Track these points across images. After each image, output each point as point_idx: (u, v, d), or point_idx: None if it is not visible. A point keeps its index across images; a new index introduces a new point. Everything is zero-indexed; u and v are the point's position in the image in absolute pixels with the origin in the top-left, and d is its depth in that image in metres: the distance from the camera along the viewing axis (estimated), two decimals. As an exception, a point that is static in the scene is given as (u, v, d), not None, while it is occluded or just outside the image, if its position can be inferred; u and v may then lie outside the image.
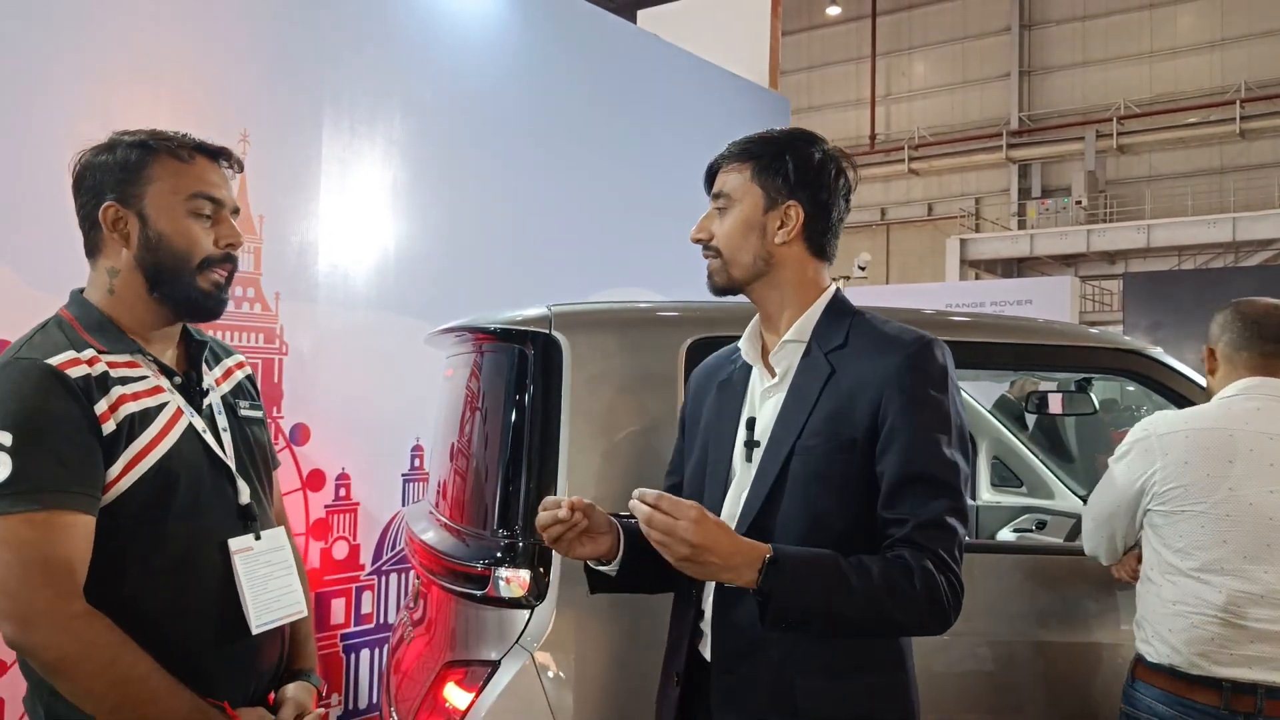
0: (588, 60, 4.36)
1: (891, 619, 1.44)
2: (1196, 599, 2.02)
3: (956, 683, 2.27)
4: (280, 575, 1.65)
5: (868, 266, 17.40)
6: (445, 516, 2.37)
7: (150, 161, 1.55)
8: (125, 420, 1.48)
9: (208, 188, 1.58)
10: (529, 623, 2.01)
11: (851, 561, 1.43)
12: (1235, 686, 1.98)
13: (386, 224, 3.44)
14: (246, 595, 1.58)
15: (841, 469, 1.50)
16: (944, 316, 2.74)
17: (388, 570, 3.48)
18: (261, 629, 1.59)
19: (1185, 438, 2.09)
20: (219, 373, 1.72)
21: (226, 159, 1.64)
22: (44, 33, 2.57)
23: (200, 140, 1.62)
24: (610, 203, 4.36)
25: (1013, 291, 16.35)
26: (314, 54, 3.20)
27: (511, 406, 2.15)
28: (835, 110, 28.39)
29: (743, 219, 1.60)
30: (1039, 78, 26.33)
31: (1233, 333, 2.19)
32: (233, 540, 1.58)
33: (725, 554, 1.37)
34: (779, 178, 1.59)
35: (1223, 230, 21.39)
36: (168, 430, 1.54)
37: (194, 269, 1.56)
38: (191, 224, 1.56)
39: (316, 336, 3.18)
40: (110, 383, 1.49)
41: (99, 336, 1.53)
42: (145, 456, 1.50)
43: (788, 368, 1.60)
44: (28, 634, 1.40)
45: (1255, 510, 2.00)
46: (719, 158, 1.65)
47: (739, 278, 1.62)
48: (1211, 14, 24.10)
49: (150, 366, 1.57)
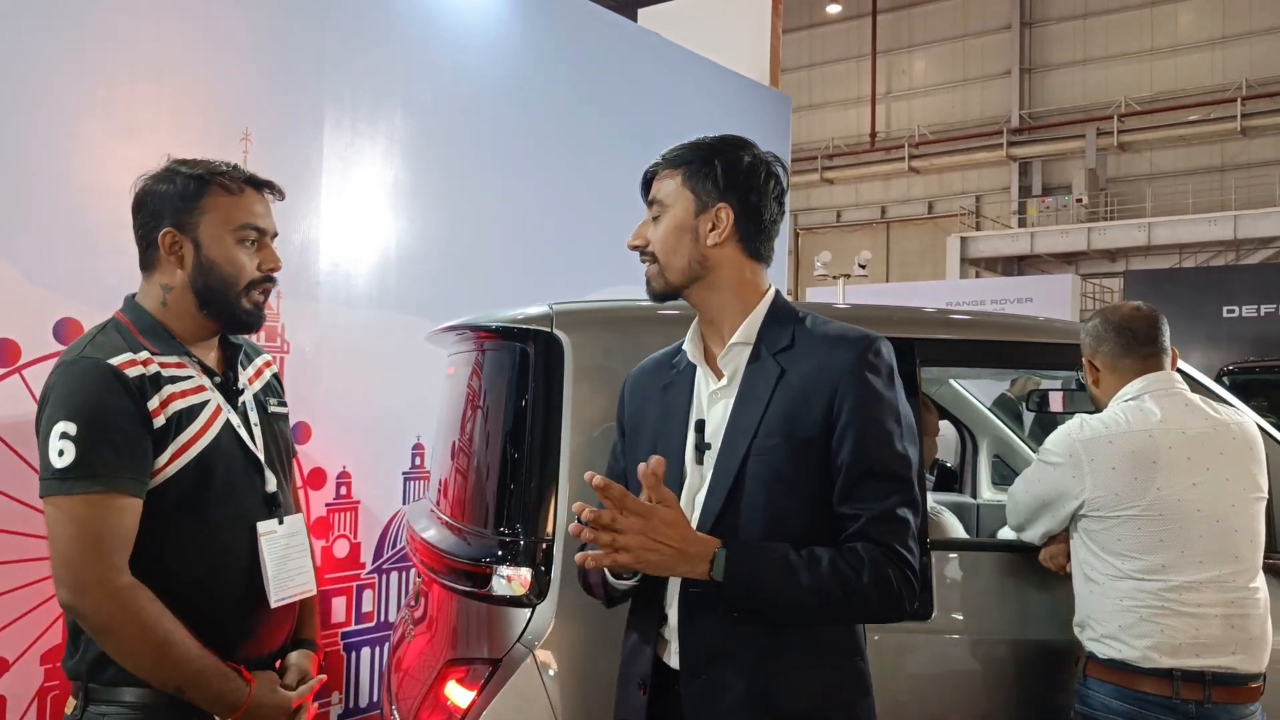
0: (588, 59, 4.36)
1: (844, 607, 1.49)
2: (1143, 593, 2.10)
3: (955, 681, 2.27)
4: (297, 557, 1.85)
5: (868, 265, 17.36)
6: (446, 515, 2.37)
7: (205, 193, 1.75)
8: (174, 416, 1.68)
9: (254, 219, 1.79)
10: (530, 621, 2.01)
11: (803, 553, 1.48)
12: (1185, 675, 2.05)
13: (387, 223, 3.44)
14: (269, 573, 1.78)
15: (800, 467, 1.53)
16: (944, 315, 2.74)
17: (388, 569, 3.48)
18: (279, 603, 1.79)
19: (1109, 444, 2.18)
20: (251, 372, 1.91)
21: (271, 190, 1.84)
22: (47, 33, 2.57)
23: (250, 173, 1.82)
24: (610, 201, 4.35)
25: (1014, 290, 16.30)
26: (315, 53, 3.20)
27: (513, 405, 2.15)
28: (835, 108, 28.39)
29: (675, 223, 1.63)
30: (1040, 75, 26.32)
31: (1109, 343, 2.30)
32: (260, 524, 1.78)
33: (681, 544, 1.44)
34: (709, 181, 1.63)
35: (1224, 228, 21.38)
36: (209, 425, 1.73)
37: (240, 291, 1.77)
38: (239, 252, 1.76)
39: (318, 335, 3.18)
40: (162, 381, 1.68)
41: (151, 340, 1.72)
42: (189, 448, 1.70)
43: (735, 370, 1.62)
44: (81, 600, 1.59)
45: (1183, 506, 2.11)
46: (652, 166, 1.71)
47: (675, 282, 1.65)
48: (1212, 11, 24.08)
49: (195, 367, 1.76)
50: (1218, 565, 2.09)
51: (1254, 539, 2.16)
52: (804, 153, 27.06)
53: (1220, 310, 14.05)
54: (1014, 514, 2.39)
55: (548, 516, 2.06)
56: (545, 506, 2.07)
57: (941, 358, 2.55)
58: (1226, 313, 14.01)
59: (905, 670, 2.23)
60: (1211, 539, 2.10)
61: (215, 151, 2.88)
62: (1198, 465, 2.13)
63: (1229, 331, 13.87)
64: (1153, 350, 2.29)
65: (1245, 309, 13.86)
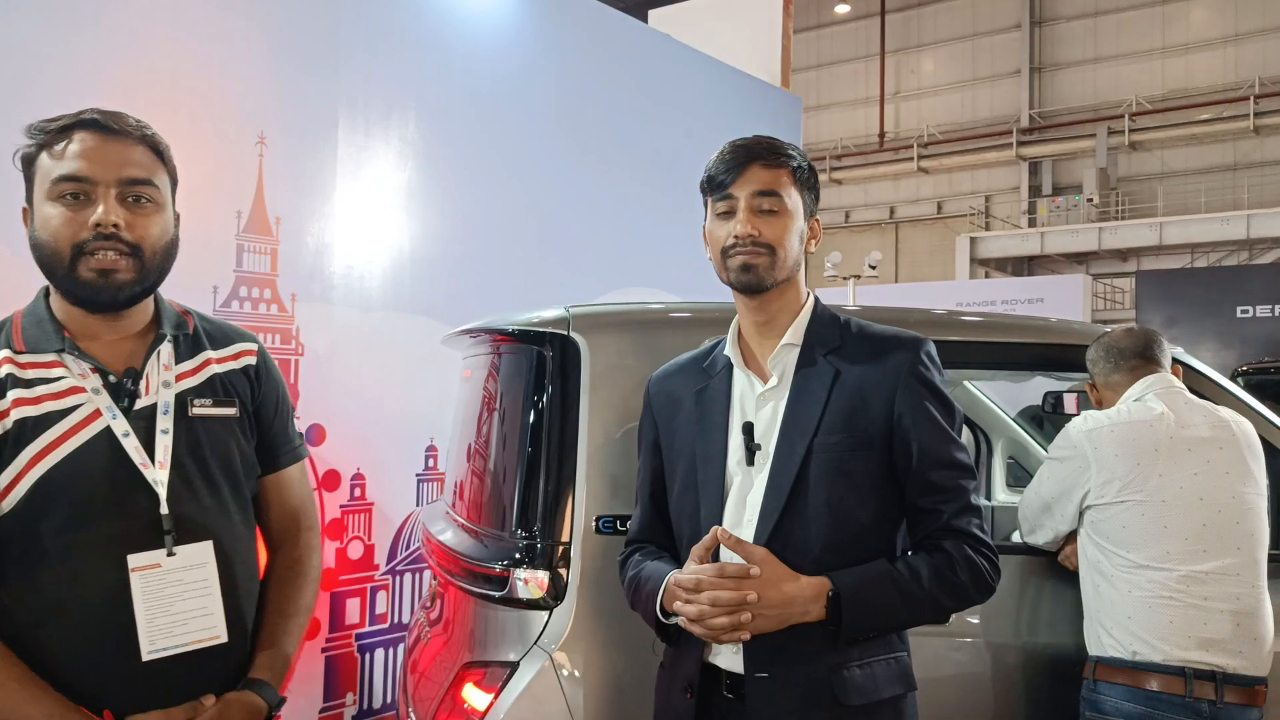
0: (599, 60, 4.36)
1: (944, 609, 1.58)
2: (1151, 583, 2.13)
3: (971, 685, 2.26)
4: (193, 596, 1.52)
5: (878, 265, 17.34)
6: (463, 517, 2.38)
7: (35, 157, 1.51)
8: (15, 424, 1.44)
9: (73, 170, 1.47)
10: (548, 624, 2.01)
11: (901, 569, 1.53)
12: (1196, 673, 2.07)
13: (402, 225, 3.45)
14: (141, 617, 1.47)
15: (862, 464, 1.57)
16: (955, 316, 2.74)
17: (402, 570, 3.49)
18: (156, 654, 1.48)
19: (1111, 432, 2.25)
20: (187, 366, 1.61)
21: (102, 127, 1.51)
22: (62, 34, 2.58)
23: (86, 113, 1.52)
24: (623, 203, 4.36)
25: (1024, 290, 16.27)
26: (329, 56, 3.21)
27: (529, 407, 2.15)
28: (844, 108, 28.34)
29: (797, 223, 1.64)
30: (1050, 74, 26.23)
31: (1102, 363, 2.45)
32: (133, 556, 1.47)
33: (794, 600, 1.49)
34: (811, 192, 1.67)
35: (1236, 227, 21.27)
36: (72, 434, 1.47)
37: (69, 261, 1.47)
38: (55, 212, 1.48)
39: (332, 337, 3.19)
40: (8, 385, 1.46)
41: (32, 335, 1.50)
42: (40, 461, 1.45)
43: (784, 371, 1.64)
44: None
45: (1185, 493, 2.17)
46: (756, 153, 1.62)
47: (780, 279, 1.63)
48: (1225, 9, 23.95)
49: (79, 365, 1.51)
50: (1220, 556, 2.12)
51: (1255, 534, 2.19)
52: (812, 153, 26.90)
53: (1234, 310, 14.00)
54: (1025, 520, 2.42)
55: (565, 519, 2.06)
56: (562, 509, 2.06)
57: (960, 360, 2.55)
58: (1240, 313, 13.95)
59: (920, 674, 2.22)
60: (1213, 529, 2.14)
61: (229, 153, 2.92)
62: (1198, 457, 2.19)
63: (1243, 332, 13.81)
64: (1140, 362, 2.38)
65: (1259, 309, 13.80)
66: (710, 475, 1.63)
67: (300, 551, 1.77)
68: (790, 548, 1.54)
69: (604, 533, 2.04)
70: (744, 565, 1.49)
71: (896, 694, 1.59)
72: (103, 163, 1.48)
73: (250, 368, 1.70)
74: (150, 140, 1.55)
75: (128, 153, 1.51)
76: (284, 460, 1.76)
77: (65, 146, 1.48)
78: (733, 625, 1.46)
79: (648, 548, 1.74)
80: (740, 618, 1.46)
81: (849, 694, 1.53)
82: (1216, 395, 2.49)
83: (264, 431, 1.72)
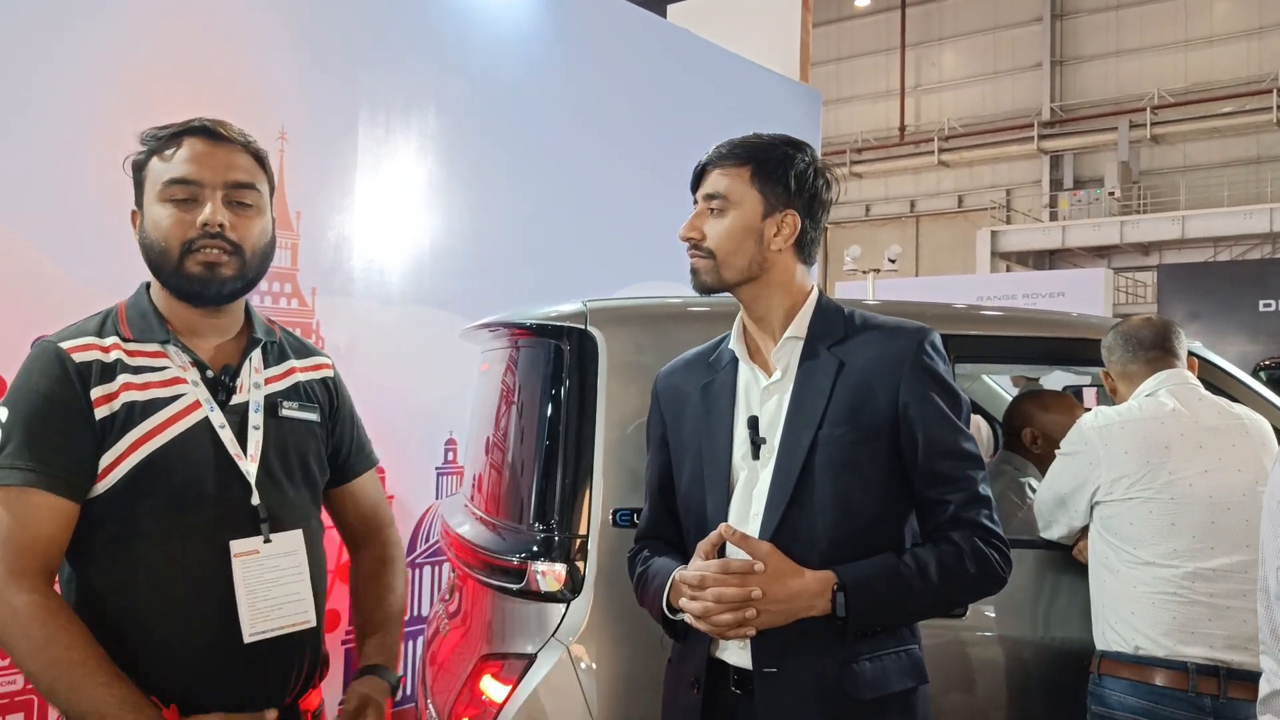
0: (618, 56, 4.36)
1: (953, 601, 1.60)
2: (1159, 580, 2.12)
3: (985, 679, 2.26)
4: (288, 582, 1.58)
5: (898, 259, 17.26)
6: (481, 510, 2.39)
7: (145, 162, 1.58)
8: (125, 407, 1.49)
9: (181, 173, 1.55)
10: (565, 616, 2.02)
11: (908, 561, 1.51)
12: (1200, 669, 2.06)
13: (421, 220, 3.47)
14: (242, 600, 1.52)
15: (868, 456, 1.55)
16: (974, 311, 2.73)
17: (421, 563, 3.51)
18: (256, 637, 1.53)
19: (1122, 429, 2.24)
20: (275, 372, 1.69)
21: (211, 134, 1.58)
22: (86, 34, 2.61)
23: (196, 121, 1.59)
24: (641, 197, 4.37)
25: (1045, 284, 16.18)
26: (349, 53, 3.23)
27: (547, 401, 2.16)
28: (864, 102, 28.22)
29: (742, 223, 1.61)
30: (1071, 67, 26.03)
31: (1119, 352, 2.41)
32: (235, 542, 1.53)
33: (800, 595, 1.49)
34: (779, 185, 1.61)
35: (1259, 221, 21.07)
36: (175, 420, 1.52)
37: (178, 258, 1.54)
38: (164, 213, 1.54)
39: (352, 331, 3.21)
40: (119, 370, 1.51)
41: (137, 327, 1.56)
42: (143, 445, 1.49)
43: (787, 364, 1.63)
44: None
45: (1195, 491, 2.14)
46: (713, 157, 1.65)
47: (730, 280, 1.63)
48: (1249, 1, 23.70)
49: (181, 358, 1.57)
50: (1229, 554, 2.10)
51: None
52: (832, 147, 26.92)
53: (1256, 304, 13.88)
54: (1040, 514, 2.42)
55: (582, 512, 2.07)
56: (580, 502, 2.08)
57: (978, 354, 2.56)
58: (1263, 307, 13.83)
59: (934, 668, 2.22)
60: (1222, 526, 2.12)
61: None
62: (1209, 454, 2.17)
63: (1265, 326, 13.69)
64: (1159, 354, 2.35)
65: (1282, 303, 13.69)
66: (716, 469, 1.63)
67: (385, 548, 1.85)
68: (797, 541, 1.53)
69: (621, 525, 2.05)
70: (748, 561, 1.49)
71: (908, 687, 1.57)
72: (210, 167, 1.55)
73: (329, 379, 1.80)
74: (252, 148, 1.63)
75: (233, 158, 1.58)
76: (361, 466, 1.84)
77: (175, 152, 1.56)
78: (738, 621, 1.46)
79: (656, 543, 1.74)
80: (745, 614, 1.46)
81: (859, 688, 1.52)
82: (1234, 389, 2.48)
83: (342, 439, 1.80)
